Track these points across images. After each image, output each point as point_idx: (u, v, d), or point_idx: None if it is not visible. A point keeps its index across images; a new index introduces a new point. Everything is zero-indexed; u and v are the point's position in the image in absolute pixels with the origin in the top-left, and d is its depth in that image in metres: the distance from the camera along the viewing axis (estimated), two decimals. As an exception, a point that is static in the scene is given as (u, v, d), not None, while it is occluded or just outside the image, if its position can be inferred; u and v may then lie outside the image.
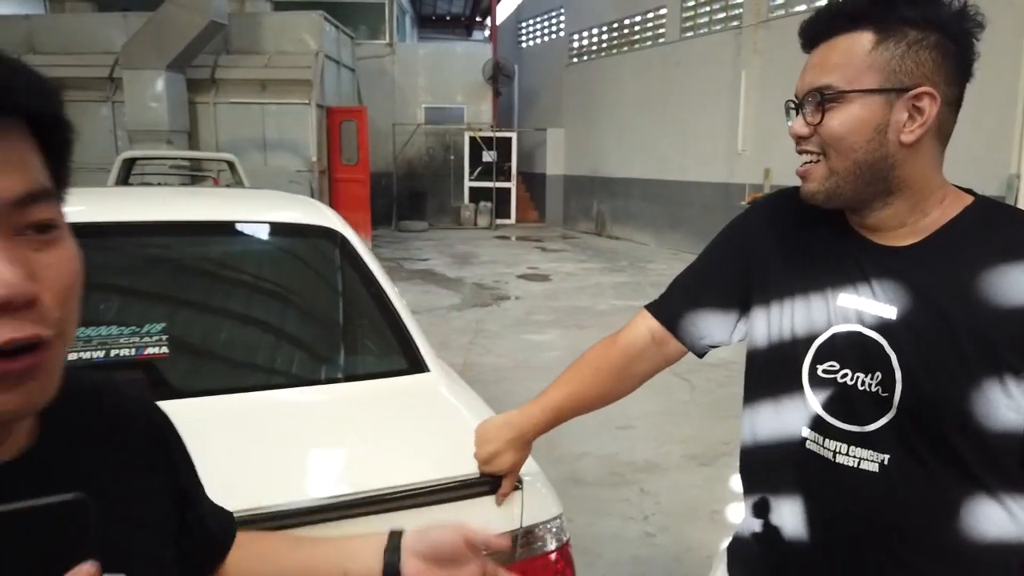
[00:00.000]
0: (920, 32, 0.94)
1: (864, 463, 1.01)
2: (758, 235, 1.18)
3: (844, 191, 1.00)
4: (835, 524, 1.05)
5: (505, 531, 1.34)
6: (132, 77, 11.02)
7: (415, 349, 1.91)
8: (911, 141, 0.95)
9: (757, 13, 11.05)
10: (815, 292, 1.06)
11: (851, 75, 0.96)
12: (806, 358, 1.06)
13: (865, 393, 1.00)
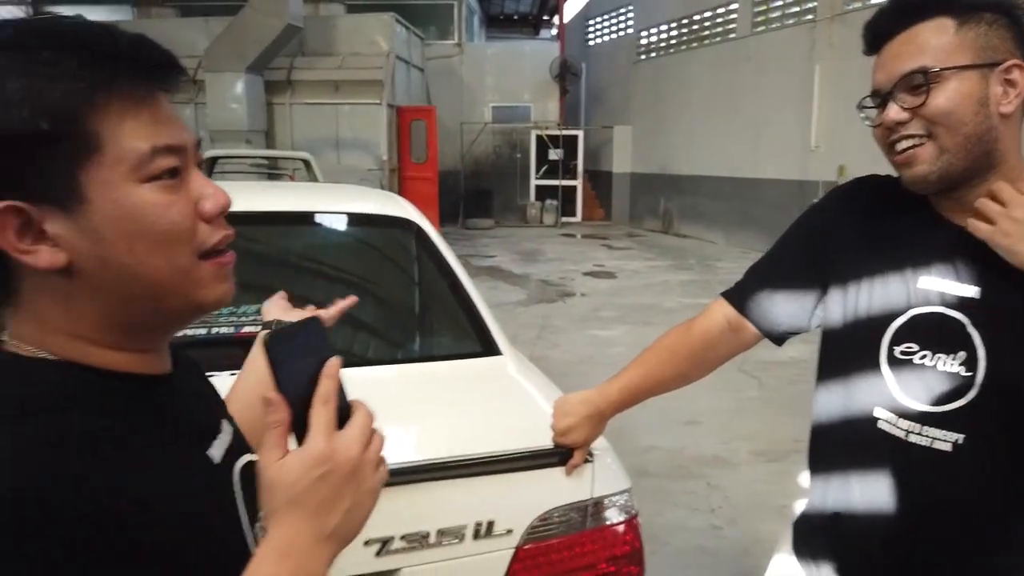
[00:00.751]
0: (993, 13, 0.98)
1: (937, 443, 1.03)
2: (834, 222, 1.20)
3: (956, 168, 1.01)
4: (903, 502, 1.07)
5: (577, 501, 1.41)
6: (213, 79, 11.50)
7: (488, 333, 1.99)
8: (1010, 112, 0.99)
9: (832, 6, 10.76)
10: (894, 275, 1.09)
11: (942, 56, 0.98)
12: (884, 339, 1.08)
13: (945, 374, 1.03)
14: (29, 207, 0.58)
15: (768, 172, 12.02)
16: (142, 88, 0.62)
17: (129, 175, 0.61)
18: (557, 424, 1.36)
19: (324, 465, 0.61)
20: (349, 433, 0.63)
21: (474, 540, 1.34)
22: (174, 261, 0.64)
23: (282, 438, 0.62)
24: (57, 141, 0.58)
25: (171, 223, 0.63)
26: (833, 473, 1.19)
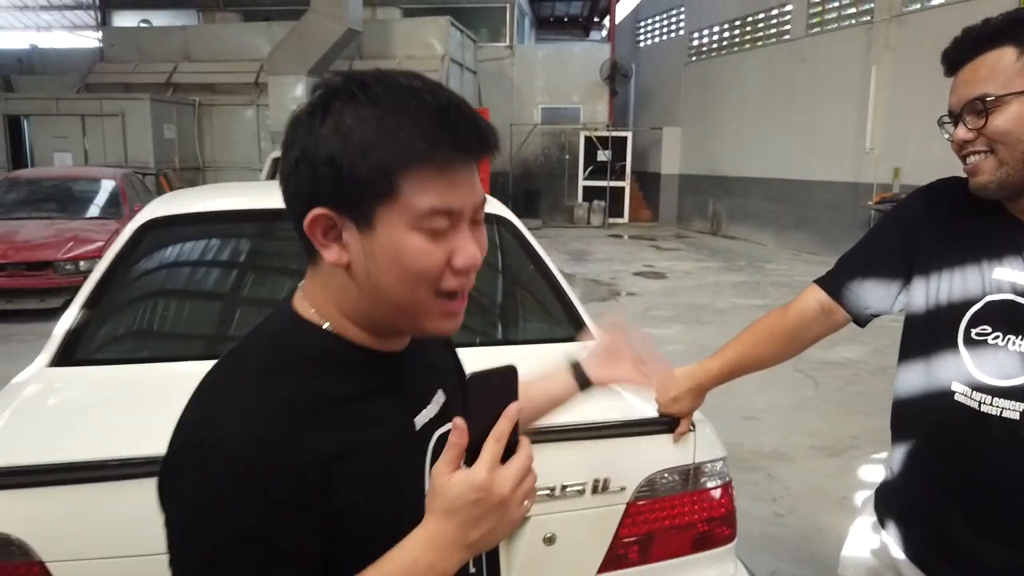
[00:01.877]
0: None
1: (1006, 412, 1.19)
2: (919, 219, 1.36)
3: (1014, 178, 1.18)
4: (976, 464, 1.23)
5: (680, 465, 1.59)
6: (275, 82, 11.92)
7: (581, 320, 2.18)
8: None
9: (890, 8, 10.70)
10: (972, 266, 1.25)
11: (1004, 82, 1.15)
12: (962, 322, 1.25)
13: (1014, 352, 1.19)
14: (336, 216, 0.77)
15: (821, 174, 11.99)
16: (454, 162, 0.76)
17: (408, 222, 0.76)
18: (662, 396, 1.54)
19: (481, 492, 0.73)
20: (508, 471, 0.74)
21: (592, 495, 1.53)
22: (415, 294, 0.78)
23: (458, 458, 0.74)
24: (373, 184, 0.75)
25: (423, 267, 0.77)
26: (914, 441, 1.35)
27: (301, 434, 0.73)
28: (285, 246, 2.45)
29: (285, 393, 0.75)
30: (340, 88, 0.77)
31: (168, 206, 2.43)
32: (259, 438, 0.71)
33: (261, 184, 3.73)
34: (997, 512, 1.23)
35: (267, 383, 0.76)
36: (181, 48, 14.10)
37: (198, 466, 0.72)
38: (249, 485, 0.70)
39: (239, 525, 0.70)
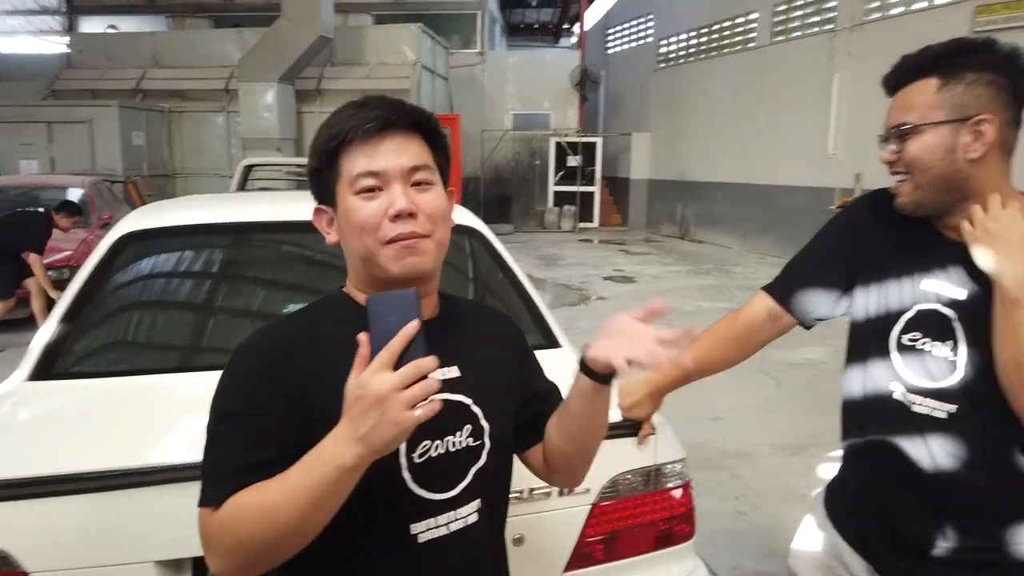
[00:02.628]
0: (976, 73, 1.23)
1: (935, 412, 1.31)
2: (862, 228, 1.46)
3: (928, 200, 1.30)
4: (913, 460, 1.34)
5: (642, 466, 1.68)
6: (247, 89, 11.88)
7: (549, 328, 2.27)
8: (976, 158, 1.24)
9: (852, 16, 10.99)
10: (905, 276, 1.36)
11: (922, 112, 1.26)
12: (895, 329, 1.36)
13: (939, 358, 1.30)
14: (326, 208, 1.06)
15: (785, 179, 12.25)
16: (362, 134, 0.99)
17: (348, 189, 1.01)
18: (623, 402, 1.63)
19: (360, 389, 0.84)
20: (387, 375, 0.84)
21: (559, 497, 1.61)
22: (364, 243, 1.00)
23: (360, 366, 0.86)
24: (326, 171, 1.03)
25: (361, 219, 1.00)
26: (859, 439, 1.45)
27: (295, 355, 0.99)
28: (263, 258, 2.52)
29: (296, 330, 1.04)
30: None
31: (146, 219, 2.47)
32: (265, 350, 1.00)
33: (237, 196, 3.78)
34: (932, 504, 1.33)
35: (290, 323, 1.07)
36: (150, 54, 13.98)
37: (229, 365, 1.00)
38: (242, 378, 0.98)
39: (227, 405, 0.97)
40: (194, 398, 1.78)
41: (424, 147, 1.04)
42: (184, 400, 1.80)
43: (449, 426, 1.04)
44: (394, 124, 1.00)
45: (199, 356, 2.14)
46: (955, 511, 1.31)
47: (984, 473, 1.28)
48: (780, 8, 12.67)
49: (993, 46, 1.25)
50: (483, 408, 1.08)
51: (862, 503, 1.46)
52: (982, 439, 1.27)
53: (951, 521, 1.31)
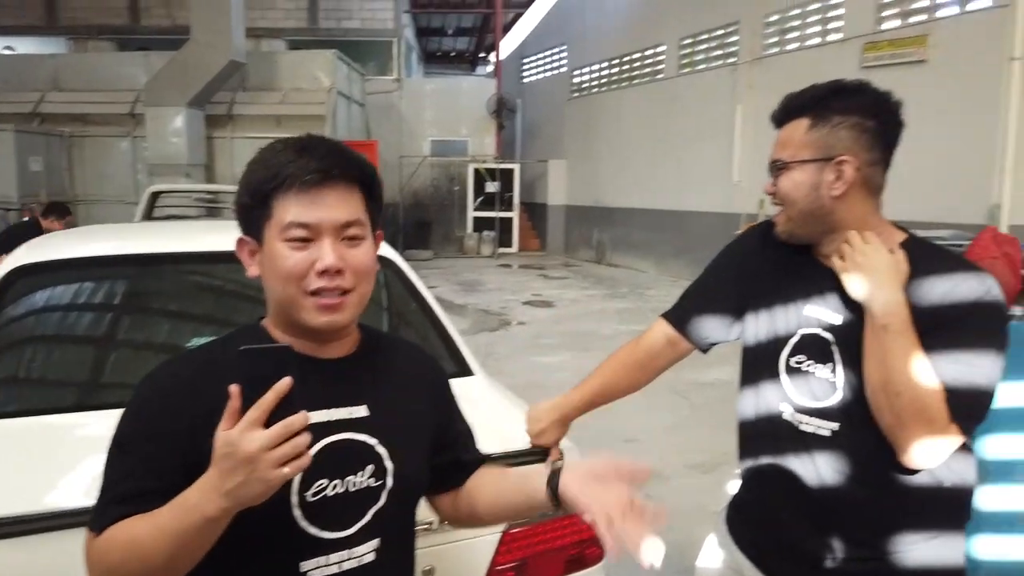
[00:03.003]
0: (841, 116, 1.33)
1: (820, 430, 1.39)
2: (750, 256, 1.56)
3: (798, 231, 1.41)
4: (802, 477, 1.42)
5: (550, 492, 1.72)
6: (154, 114, 11.51)
7: (462, 356, 2.29)
8: (838, 195, 1.34)
9: (752, 51, 11.59)
10: (790, 302, 1.45)
11: (793, 151, 1.37)
12: (783, 352, 1.44)
13: (822, 379, 1.39)
14: (250, 241, 1.06)
15: (694, 205, 12.72)
16: (301, 182, 0.99)
17: (277, 235, 1.01)
18: (531, 429, 1.68)
19: (229, 447, 0.85)
20: (258, 434, 0.84)
21: (469, 525, 1.63)
22: (286, 291, 1.02)
23: (230, 419, 0.86)
24: (257, 209, 1.02)
25: (287, 269, 1.00)
26: (755, 458, 1.53)
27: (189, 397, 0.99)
28: (166, 291, 2.45)
29: (197, 368, 1.03)
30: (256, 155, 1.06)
31: (40, 252, 2.37)
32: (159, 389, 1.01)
33: (142, 226, 3.65)
34: (821, 519, 1.41)
35: (196, 359, 1.06)
36: (50, 77, 13.36)
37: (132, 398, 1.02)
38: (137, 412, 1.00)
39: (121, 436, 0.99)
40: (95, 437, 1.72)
41: (360, 199, 1.04)
42: (83, 440, 1.73)
43: (349, 466, 1.04)
44: (334, 178, 1.01)
45: (96, 394, 2.06)
46: (841, 525, 1.39)
47: (865, 488, 1.36)
48: (686, 42, 13.22)
49: (864, 89, 1.35)
50: (389, 448, 1.08)
51: (758, 520, 1.53)
52: (862, 456, 1.35)
53: (838, 534, 1.39)
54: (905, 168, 1.41)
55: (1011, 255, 2.10)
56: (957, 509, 1.39)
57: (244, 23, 12.06)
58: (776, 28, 11.32)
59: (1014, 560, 2.33)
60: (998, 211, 8.38)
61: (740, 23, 11.83)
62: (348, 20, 17.62)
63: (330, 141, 1.04)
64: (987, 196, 8.44)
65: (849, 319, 1.36)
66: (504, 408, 2.06)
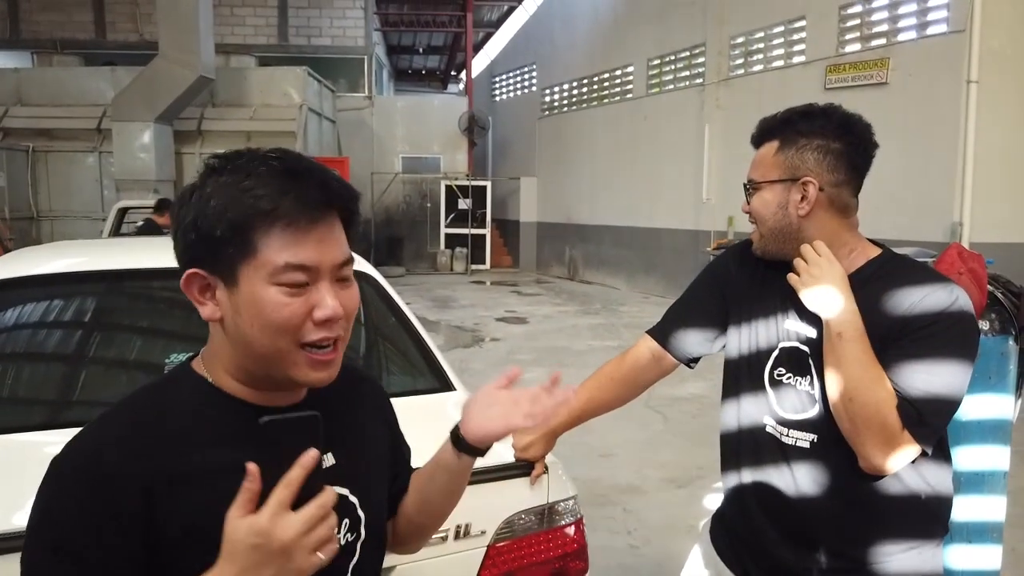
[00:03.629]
0: (806, 139, 1.38)
1: (800, 441, 1.42)
2: (730, 274, 1.59)
3: (770, 247, 1.44)
4: (783, 486, 1.45)
5: (535, 506, 1.72)
6: (121, 128, 11.38)
7: (444, 373, 2.29)
8: (805, 214, 1.39)
9: (719, 72, 11.81)
10: (771, 317, 1.48)
11: (763, 172, 1.42)
12: (767, 365, 1.47)
13: (801, 391, 1.42)
14: (209, 276, 0.86)
15: (665, 222, 12.87)
16: (299, 218, 0.83)
17: (266, 277, 0.83)
18: (517, 443, 1.68)
19: (259, 537, 0.74)
20: (293, 518, 0.75)
21: (455, 540, 1.63)
22: (276, 344, 0.85)
23: (249, 503, 0.75)
24: (230, 243, 0.83)
25: (282, 319, 0.83)
26: (738, 469, 1.55)
27: (132, 461, 0.81)
28: (135, 306, 2.41)
29: (134, 425, 0.85)
30: (214, 165, 0.87)
31: (9, 267, 2.33)
32: (93, 461, 0.81)
33: (109, 242, 3.60)
34: (801, 530, 1.44)
35: (126, 417, 0.87)
36: (13, 91, 13.13)
37: (47, 482, 0.83)
38: (72, 500, 0.80)
39: (57, 535, 0.79)
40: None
41: (342, 231, 0.90)
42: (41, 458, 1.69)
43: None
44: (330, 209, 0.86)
45: (62, 412, 2.03)
46: (820, 535, 1.42)
47: (843, 499, 1.39)
48: (654, 62, 13.43)
49: (831, 112, 1.40)
50: (360, 497, 0.98)
51: (741, 531, 1.56)
52: (840, 467, 1.38)
53: (818, 545, 1.42)
54: (868, 186, 1.45)
55: (976, 271, 2.14)
56: (934, 520, 1.43)
57: (213, 39, 11.99)
58: (742, 50, 11.56)
59: (987, 570, 2.38)
60: (959, 229, 8.62)
61: (706, 44, 12.06)
62: (318, 37, 17.62)
63: (312, 161, 0.89)
64: (949, 214, 8.68)
65: (821, 332, 1.39)
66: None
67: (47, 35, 17.06)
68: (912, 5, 9.21)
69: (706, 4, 11.98)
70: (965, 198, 8.60)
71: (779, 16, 10.82)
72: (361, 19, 17.70)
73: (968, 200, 8.58)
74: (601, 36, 14.92)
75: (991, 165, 8.56)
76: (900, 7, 9.33)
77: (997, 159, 8.58)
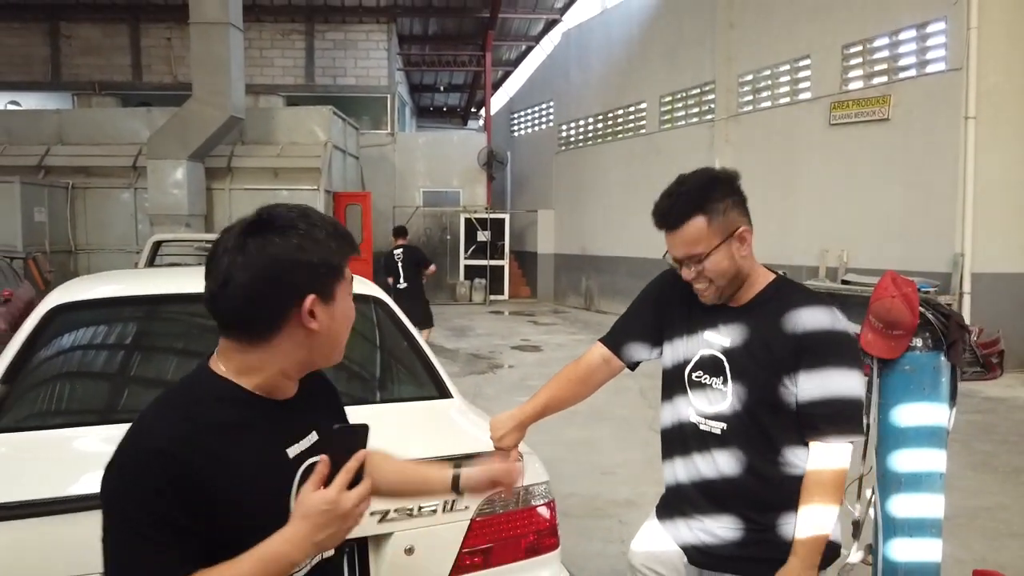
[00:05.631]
0: (722, 202, 1.70)
1: (714, 429, 1.77)
2: (667, 291, 1.93)
3: (727, 291, 1.75)
4: (704, 468, 1.80)
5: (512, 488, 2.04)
6: (156, 166, 11.96)
7: (442, 382, 2.63)
8: (746, 255, 1.73)
9: (728, 108, 12.19)
10: (696, 331, 1.83)
11: (706, 244, 1.68)
12: (687, 370, 1.83)
13: (716, 389, 1.77)
14: (317, 299, 1.12)
15: (678, 253, 13.12)
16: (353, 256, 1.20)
17: (347, 289, 1.19)
18: (494, 435, 2.02)
19: (329, 505, 1.05)
20: (351, 494, 1.06)
21: (443, 512, 1.96)
22: (345, 335, 1.20)
23: (320, 481, 1.06)
24: (331, 273, 1.14)
25: (353, 314, 1.21)
26: (673, 456, 1.89)
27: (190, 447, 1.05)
28: (175, 327, 2.79)
29: (183, 419, 1.08)
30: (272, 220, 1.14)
31: (72, 292, 2.73)
32: (155, 449, 1.04)
33: (153, 271, 4.01)
34: (717, 501, 1.79)
35: (172, 412, 1.10)
36: (55, 131, 13.86)
37: (120, 467, 1.05)
38: (147, 480, 1.02)
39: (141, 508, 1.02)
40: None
41: None
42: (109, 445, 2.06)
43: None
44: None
45: (116, 412, 2.38)
46: (731, 504, 1.77)
47: (748, 474, 1.74)
48: (666, 99, 13.86)
49: (718, 175, 1.74)
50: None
51: (676, 503, 1.89)
52: (745, 450, 1.74)
53: (729, 512, 1.77)
54: (872, 219, 1.79)
55: (908, 295, 2.46)
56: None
57: (243, 80, 12.61)
58: (750, 87, 11.94)
59: (926, 561, 2.64)
60: (961, 259, 8.83)
61: (716, 82, 12.46)
62: (343, 77, 18.33)
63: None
64: (950, 246, 8.90)
65: (736, 343, 1.76)
66: (475, 423, 2.40)
67: (87, 78, 17.98)
68: (912, 44, 9.54)
69: (715, 43, 12.42)
70: (966, 230, 8.81)
71: (785, 55, 11.20)
72: (384, 59, 18.41)
73: (969, 232, 8.80)
74: (615, 74, 15.41)
75: (991, 197, 8.80)
76: (900, 46, 9.67)
77: (996, 192, 8.82)
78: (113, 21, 18.06)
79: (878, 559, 2.71)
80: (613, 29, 15.55)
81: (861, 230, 9.76)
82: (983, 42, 8.65)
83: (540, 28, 21.08)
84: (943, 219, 8.98)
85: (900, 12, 9.52)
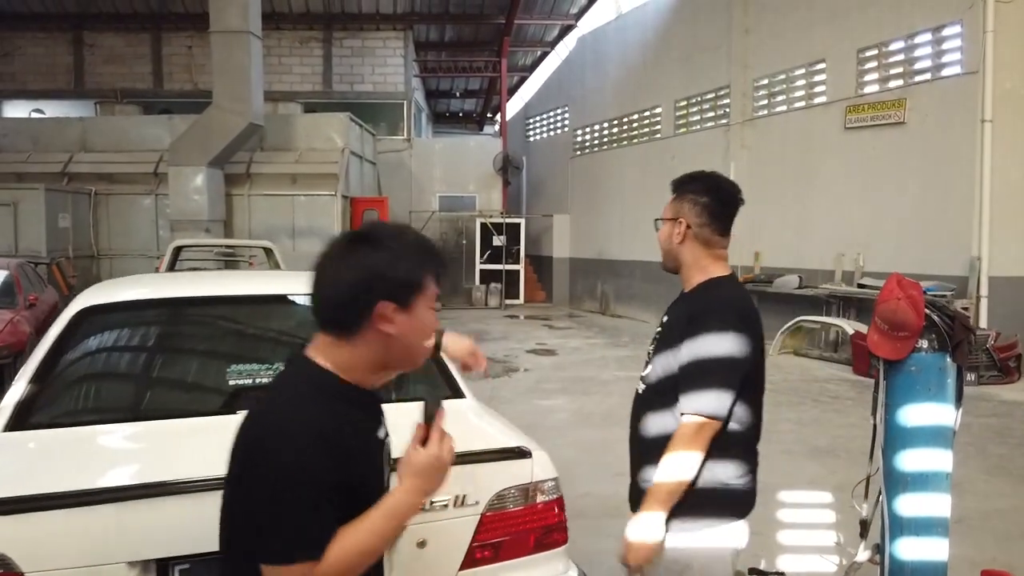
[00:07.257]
0: (683, 194, 2.02)
1: (639, 390, 2.03)
2: None
3: (667, 265, 2.11)
4: (635, 424, 2.06)
5: (522, 483, 2.11)
6: (177, 173, 12.17)
7: (456, 382, 2.71)
8: (679, 242, 2.01)
9: (743, 113, 12.19)
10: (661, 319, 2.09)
11: (664, 213, 2.04)
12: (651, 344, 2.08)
13: (649, 357, 2.03)
14: (396, 305, 1.29)
15: (693, 257, 13.14)
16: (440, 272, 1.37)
17: (428, 304, 1.34)
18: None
19: (433, 458, 1.28)
20: (445, 447, 1.31)
21: (454, 508, 2.02)
22: (424, 343, 1.36)
23: (419, 442, 1.30)
24: (411, 285, 1.31)
25: (431, 327, 1.36)
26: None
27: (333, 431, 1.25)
28: (199, 329, 2.89)
29: (322, 408, 1.27)
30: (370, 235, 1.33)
31: (100, 295, 2.83)
32: (316, 431, 1.22)
33: (176, 275, 4.12)
34: (640, 454, 2.07)
35: (310, 402, 1.28)
36: (78, 138, 14.13)
37: (283, 445, 1.20)
38: (317, 458, 1.20)
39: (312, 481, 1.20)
40: (146, 437, 2.14)
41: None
42: (136, 441, 2.15)
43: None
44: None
45: (141, 409, 2.47)
46: (648, 458, 1.97)
47: (657, 429, 1.96)
48: (681, 104, 13.88)
49: (703, 177, 2.03)
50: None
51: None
52: (655, 410, 1.97)
53: (648, 464, 1.98)
54: (888, 223, 1.91)
55: (913, 297, 2.52)
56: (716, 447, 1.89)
57: (262, 88, 12.80)
58: (765, 91, 11.94)
59: (932, 560, 2.67)
60: (978, 263, 8.79)
61: (731, 86, 12.47)
62: (360, 84, 18.52)
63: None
64: (968, 249, 8.86)
65: (665, 321, 2.05)
66: (487, 421, 2.47)
67: (109, 86, 18.30)
68: (927, 48, 9.52)
69: (730, 48, 12.44)
70: (983, 233, 8.77)
71: (800, 59, 11.20)
72: (401, 66, 18.58)
73: (986, 235, 8.76)
74: (630, 79, 15.46)
75: (1007, 201, 8.76)
76: (916, 50, 9.65)
77: (1013, 195, 8.78)
78: (135, 30, 18.37)
79: (885, 558, 2.75)
80: (628, 34, 15.60)
81: (877, 234, 9.75)
82: (999, 46, 8.63)
83: (555, 34, 21.17)
84: (959, 222, 8.94)
85: (915, 16, 9.50)
